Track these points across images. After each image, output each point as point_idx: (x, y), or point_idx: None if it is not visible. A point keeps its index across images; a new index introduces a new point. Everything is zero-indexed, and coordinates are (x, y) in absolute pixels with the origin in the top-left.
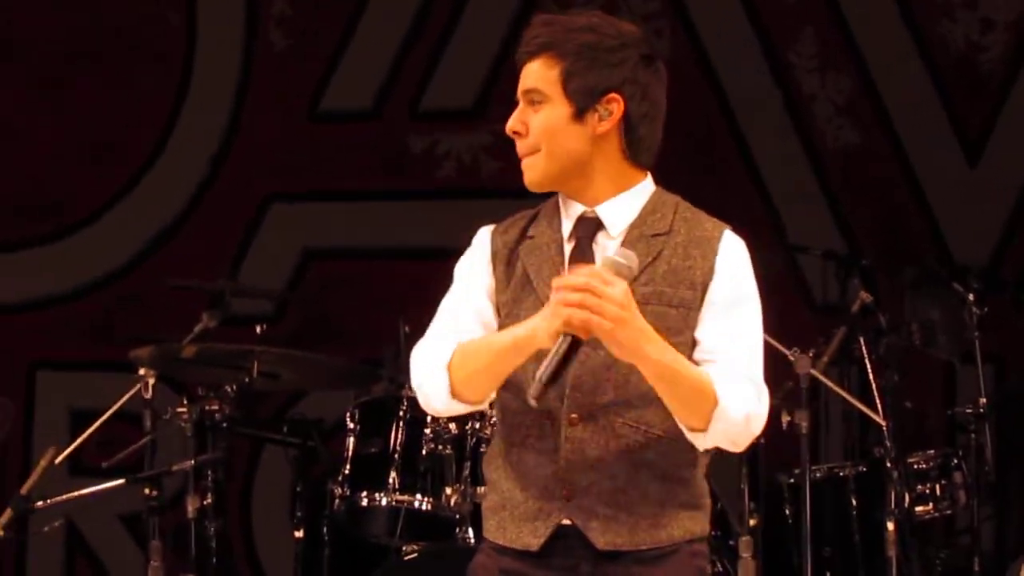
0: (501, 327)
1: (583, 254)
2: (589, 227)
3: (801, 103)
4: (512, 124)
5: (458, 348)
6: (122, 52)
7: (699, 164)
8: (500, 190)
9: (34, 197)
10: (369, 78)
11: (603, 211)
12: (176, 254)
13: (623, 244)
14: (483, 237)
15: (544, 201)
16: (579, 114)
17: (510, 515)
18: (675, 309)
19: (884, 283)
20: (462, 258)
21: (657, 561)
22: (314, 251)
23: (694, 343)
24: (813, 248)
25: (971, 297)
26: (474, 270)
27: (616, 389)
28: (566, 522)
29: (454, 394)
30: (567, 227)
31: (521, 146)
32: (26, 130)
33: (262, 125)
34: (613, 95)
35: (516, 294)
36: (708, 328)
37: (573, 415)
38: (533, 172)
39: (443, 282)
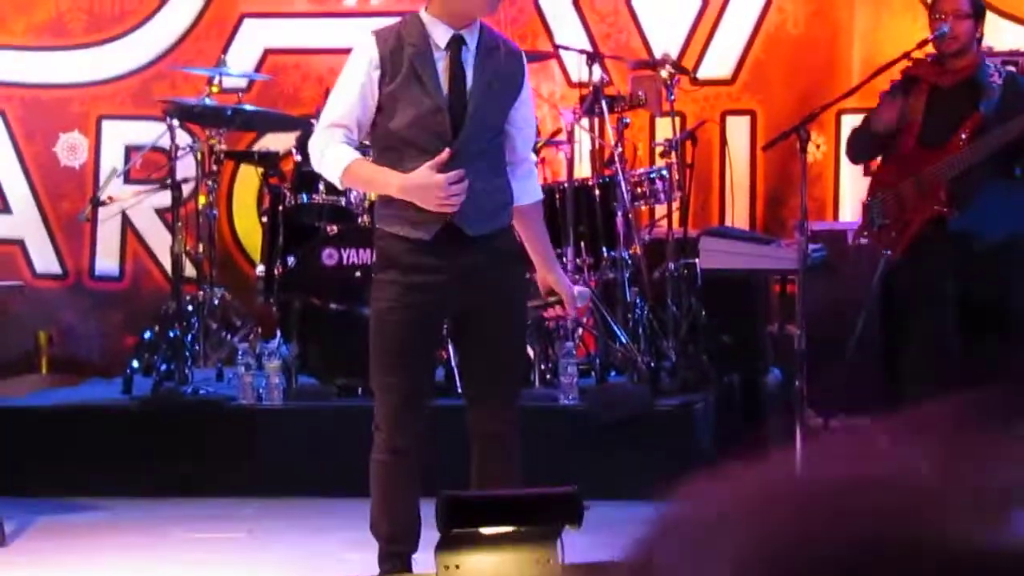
0: (381, 108)
1: (458, 58)
2: (458, 43)
3: None
4: None
5: (351, 166)
6: None
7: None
8: (387, 12)
9: (103, 16)
10: None
11: (465, 33)
12: (188, 50)
13: (477, 56)
14: (369, 43)
15: (401, 19)
16: None
17: (409, 219)
18: (507, 92)
19: (614, 69)
20: (351, 57)
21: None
22: (271, 49)
23: (509, 123)
24: (572, 47)
25: (666, 76)
26: (361, 68)
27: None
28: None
29: (342, 185)
30: (442, 41)
31: None
32: None
33: None
34: None
35: (401, 85)
36: (519, 119)
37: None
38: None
39: None
